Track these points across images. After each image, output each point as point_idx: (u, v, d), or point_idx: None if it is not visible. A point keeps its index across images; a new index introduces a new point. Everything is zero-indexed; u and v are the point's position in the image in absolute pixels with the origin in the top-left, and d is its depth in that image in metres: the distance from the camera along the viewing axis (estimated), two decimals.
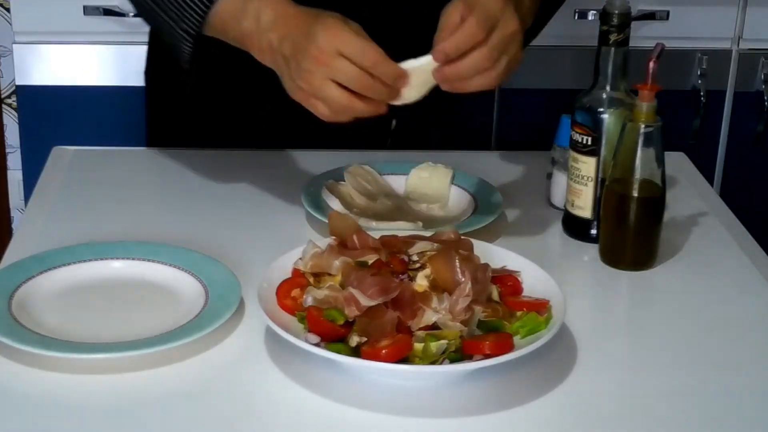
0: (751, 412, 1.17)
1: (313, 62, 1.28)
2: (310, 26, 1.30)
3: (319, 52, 1.28)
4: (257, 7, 1.36)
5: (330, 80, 1.28)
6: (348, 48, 1.28)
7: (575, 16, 2.51)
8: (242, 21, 1.36)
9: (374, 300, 1.18)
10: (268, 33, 1.34)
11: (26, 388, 1.17)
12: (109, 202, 1.57)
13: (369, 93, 1.29)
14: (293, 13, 1.34)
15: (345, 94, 1.29)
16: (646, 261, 1.43)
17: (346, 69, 1.28)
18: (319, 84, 1.29)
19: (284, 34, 1.33)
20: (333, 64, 1.28)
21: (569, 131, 1.48)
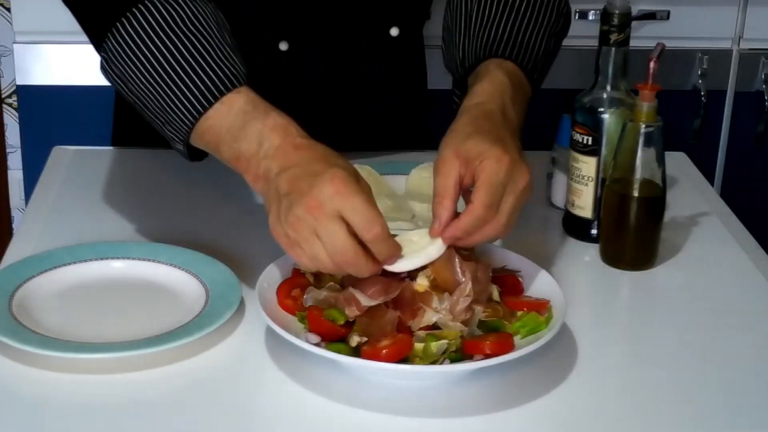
0: (752, 412, 1.17)
1: (307, 213, 1.16)
2: (318, 170, 1.17)
3: (317, 206, 1.15)
4: (260, 131, 1.23)
5: (317, 238, 1.16)
6: (353, 215, 1.15)
7: (575, 16, 2.50)
8: (241, 142, 1.24)
9: (374, 300, 1.18)
10: (267, 160, 1.21)
11: (26, 388, 1.17)
12: (109, 202, 1.57)
13: (349, 269, 1.18)
14: (300, 146, 1.22)
15: (330, 257, 1.17)
16: (646, 261, 1.43)
17: (338, 238, 1.15)
18: (304, 237, 1.16)
19: (284, 167, 1.20)
20: (327, 226, 1.15)
21: (569, 131, 1.48)
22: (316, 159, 1.19)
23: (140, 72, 1.29)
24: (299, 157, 1.20)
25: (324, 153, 1.21)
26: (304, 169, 1.18)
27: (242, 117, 1.25)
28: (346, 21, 1.61)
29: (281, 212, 1.18)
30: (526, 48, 1.42)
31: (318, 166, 1.18)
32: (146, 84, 1.29)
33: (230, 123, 1.25)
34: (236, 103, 1.25)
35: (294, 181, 1.18)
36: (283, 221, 1.18)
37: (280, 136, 1.22)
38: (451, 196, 1.22)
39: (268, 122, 1.23)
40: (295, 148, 1.21)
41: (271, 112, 1.25)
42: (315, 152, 1.21)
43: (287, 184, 1.18)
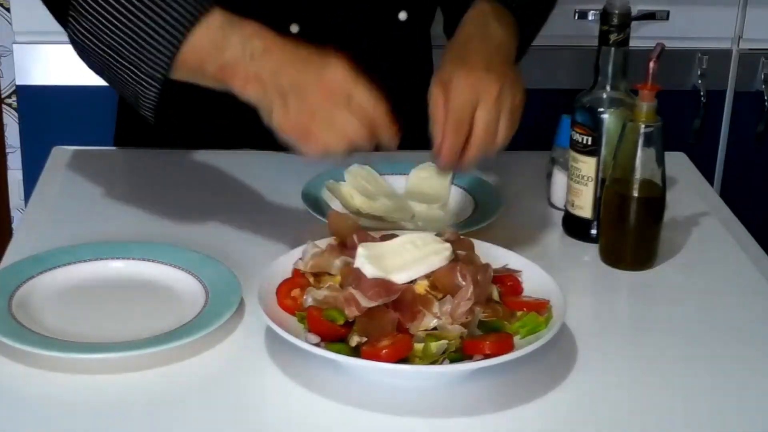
0: (752, 412, 1.17)
1: (322, 100, 1.24)
2: (320, 62, 1.26)
3: (331, 91, 1.24)
4: (241, 37, 1.28)
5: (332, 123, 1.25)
6: (361, 98, 1.25)
7: (575, 16, 2.50)
8: (224, 52, 1.28)
9: (374, 301, 1.18)
10: (256, 62, 1.27)
11: (26, 388, 1.17)
12: (109, 202, 1.57)
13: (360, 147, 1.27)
14: (285, 44, 1.29)
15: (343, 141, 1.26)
16: (646, 261, 1.43)
17: (351, 120, 1.25)
18: (318, 125, 1.25)
19: (279, 65, 1.27)
20: (339, 110, 1.25)
21: (569, 131, 1.48)
22: (309, 53, 1.27)
23: (112, 19, 1.32)
24: (290, 53, 1.27)
25: (310, 48, 1.28)
26: (303, 63, 1.26)
27: (221, 31, 1.29)
28: (355, 3, 1.63)
29: (289, 107, 1.25)
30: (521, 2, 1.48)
31: (314, 59, 1.27)
32: (120, 30, 1.32)
33: (210, 38, 1.29)
34: (213, 22, 1.30)
35: (297, 75, 1.25)
36: (293, 114, 1.25)
37: (261, 39, 1.28)
38: (440, 121, 1.32)
39: (245, 31, 1.29)
40: (281, 47, 1.28)
41: (245, 22, 1.30)
42: (304, 48, 1.28)
43: (290, 77, 1.25)
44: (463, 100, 1.31)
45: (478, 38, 1.39)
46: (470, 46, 1.38)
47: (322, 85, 1.25)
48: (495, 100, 1.32)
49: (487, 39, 1.39)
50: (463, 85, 1.32)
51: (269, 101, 1.27)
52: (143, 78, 1.33)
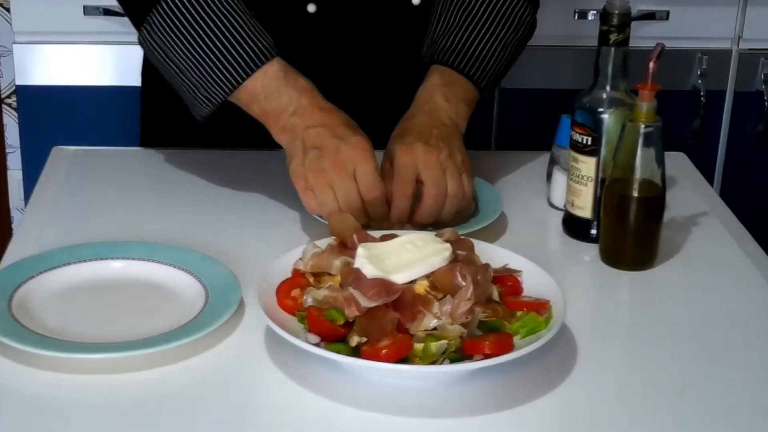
0: (752, 412, 1.17)
1: (331, 167, 1.39)
2: (344, 134, 1.41)
3: (341, 162, 1.39)
4: (290, 93, 1.45)
5: (331, 188, 1.40)
6: (363, 176, 1.40)
7: (575, 16, 2.51)
8: (273, 100, 1.45)
9: (374, 301, 1.18)
10: (295, 117, 1.44)
11: (26, 388, 1.17)
12: (109, 202, 1.57)
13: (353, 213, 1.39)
14: (326, 108, 1.45)
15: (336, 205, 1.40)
16: (646, 261, 1.43)
17: (349, 191, 1.40)
18: (320, 185, 1.40)
19: (311, 124, 1.43)
20: (342, 179, 1.39)
21: (569, 131, 1.48)
22: (340, 123, 1.43)
23: (183, 44, 1.48)
24: (325, 118, 1.43)
25: (346, 120, 1.44)
26: (332, 130, 1.42)
27: (276, 82, 1.46)
28: None
29: (306, 160, 1.41)
30: (476, 59, 1.57)
31: (343, 131, 1.42)
32: (188, 55, 1.48)
33: (264, 86, 1.46)
34: (270, 70, 1.47)
35: (322, 138, 1.41)
36: (306, 168, 1.41)
37: (307, 98, 1.45)
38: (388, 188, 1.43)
39: (298, 86, 1.46)
40: (321, 109, 1.44)
41: (299, 78, 1.47)
42: (338, 117, 1.44)
43: (316, 138, 1.42)
44: (404, 163, 1.43)
45: (422, 114, 1.50)
46: (413, 122, 1.49)
47: (337, 154, 1.40)
48: (436, 162, 1.43)
49: (431, 114, 1.50)
50: (404, 154, 1.44)
51: (293, 151, 1.43)
52: (200, 98, 1.50)
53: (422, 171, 1.43)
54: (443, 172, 1.43)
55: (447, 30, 1.59)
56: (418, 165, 1.43)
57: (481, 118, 1.40)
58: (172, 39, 1.48)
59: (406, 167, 1.43)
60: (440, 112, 1.51)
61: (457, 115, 1.52)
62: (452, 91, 1.54)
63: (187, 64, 1.48)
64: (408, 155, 1.43)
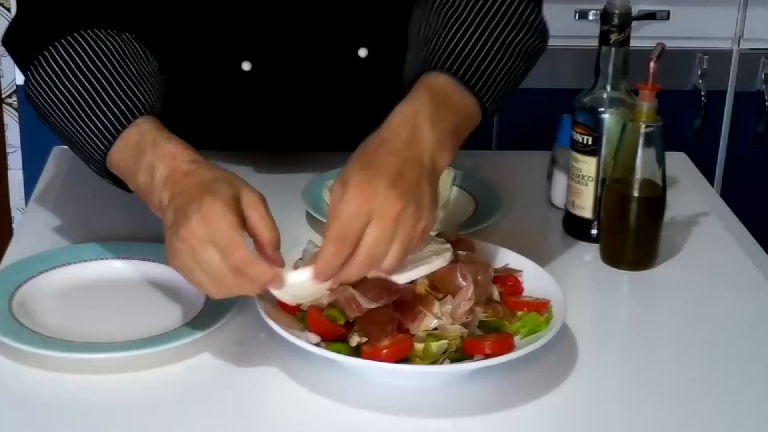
0: (752, 412, 1.17)
1: (182, 243, 1.15)
2: (190, 200, 1.17)
3: (190, 236, 1.15)
4: (151, 162, 1.23)
5: (197, 264, 1.15)
6: (216, 241, 1.14)
7: (575, 16, 2.51)
8: (137, 175, 1.25)
9: (375, 302, 1.18)
10: (159, 192, 1.22)
11: (26, 388, 1.17)
12: (109, 202, 1.57)
13: (232, 291, 1.17)
14: (188, 172, 1.21)
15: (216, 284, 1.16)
16: (646, 261, 1.43)
17: (213, 263, 1.14)
18: (188, 268, 1.16)
19: (172, 196, 1.20)
20: (202, 253, 1.14)
21: (569, 131, 1.48)
22: (196, 186, 1.18)
23: (55, 110, 1.34)
24: (185, 184, 1.20)
25: (205, 178, 1.19)
26: (185, 199, 1.18)
27: (135, 150, 1.26)
28: (311, 40, 1.55)
29: (168, 245, 1.18)
30: (466, 58, 1.29)
31: (193, 195, 1.17)
32: (61, 119, 1.33)
33: (127, 157, 1.26)
34: (132, 138, 1.26)
35: (175, 213, 1.18)
36: (170, 253, 1.18)
37: (167, 165, 1.22)
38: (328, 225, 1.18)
39: (158, 152, 1.24)
40: (184, 175, 1.21)
41: (160, 141, 1.25)
42: (198, 178, 1.20)
43: (171, 215, 1.18)
44: (353, 210, 1.14)
45: (398, 141, 1.19)
46: (384, 150, 1.19)
47: (181, 228, 1.16)
48: (392, 221, 1.14)
49: (409, 144, 1.20)
50: (357, 195, 1.15)
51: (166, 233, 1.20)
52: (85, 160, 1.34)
53: (370, 227, 1.14)
54: (391, 236, 1.15)
55: (430, 37, 1.33)
56: (371, 214, 1.14)
57: None
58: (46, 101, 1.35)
59: (353, 219, 1.14)
60: (420, 143, 1.20)
61: (440, 150, 1.21)
62: (441, 115, 1.23)
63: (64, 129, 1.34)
64: (363, 198, 1.14)
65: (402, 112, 1.22)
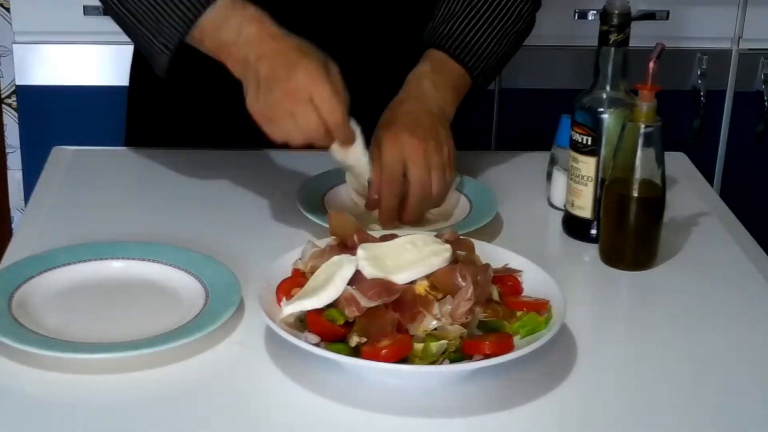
0: (752, 412, 1.17)
1: (284, 96, 1.35)
2: (294, 60, 1.36)
3: (294, 90, 1.35)
4: (240, 21, 1.39)
5: (291, 117, 1.36)
6: (320, 101, 1.35)
7: (575, 16, 2.51)
8: (223, 31, 1.40)
9: (374, 302, 1.18)
10: (246, 47, 1.38)
11: (26, 388, 1.17)
12: (109, 202, 1.57)
13: (316, 142, 1.39)
14: (276, 35, 1.39)
15: (301, 134, 1.37)
16: (646, 261, 1.43)
17: (309, 117, 1.36)
18: (280, 116, 1.36)
19: (262, 54, 1.37)
20: (300, 107, 1.35)
21: (569, 131, 1.48)
22: (291, 48, 1.38)
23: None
24: (275, 45, 1.38)
25: (298, 43, 1.38)
26: (281, 58, 1.37)
27: (224, 11, 1.40)
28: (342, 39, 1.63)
29: (260, 93, 1.37)
30: (471, 46, 1.57)
31: (293, 56, 1.37)
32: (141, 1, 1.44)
33: (213, 17, 1.40)
34: (221, 4, 1.41)
35: (272, 68, 1.36)
36: (261, 101, 1.37)
37: (256, 26, 1.39)
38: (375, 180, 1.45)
39: (246, 14, 1.40)
40: (272, 37, 1.39)
41: (248, 5, 1.41)
42: (290, 42, 1.38)
43: (266, 69, 1.37)
44: (391, 158, 1.44)
45: (410, 100, 1.51)
46: (401, 109, 1.50)
47: (288, 83, 1.35)
48: (422, 158, 1.44)
49: (418, 100, 1.51)
50: (390, 146, 1.44)
51: (247, 84, 1.39)
52: (157, 45, 1.44)
53: (408, 167, 1.44)
54: (428, 170, 1.45)
55: (447, 17, 1.60)
56: (405, 159, 1.44)
57: (481, 118, 1.40)
58: None
59: (393, 163, 1.44)
60: (427, 98, 1.51)
61: (444, 102, 1.53)
62: (441, 77, 1.54)
63: (142, 10, 1.44)
64: (395, 147, 1.44)
65: (410, 79, 1.54)
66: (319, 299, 1.20)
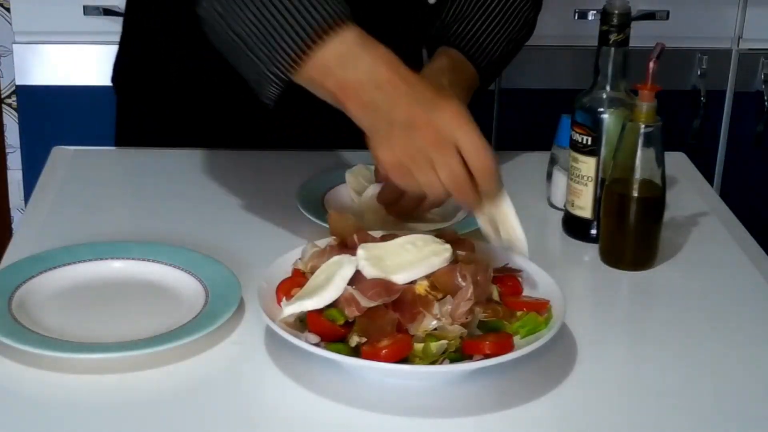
0: (751, 412, 1.17)
1: (425, 141, 1.23)
2: (433, 100, 1.25)
3: (437, 136, 1.23)
4: (370, 63, 1.26)
5: (432, 166, 1.24)
6: (467, 143, 1.23)
7: (575, 16, 2.51)
8: (349, 71, 1.26)
9: (374, 301, 1.18)
10: (377, 92, 1.25)
11: (26, 388, 1.17)
12: (109, 202, 1.57)
13: (459, 196, 1.26)
14: (410, 80, 1.27)
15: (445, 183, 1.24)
16: (646, 261, 1.43)
17: (455, 167, 1.23)
18: (420, 164, 1.24)
19: (396, 100, 1.25)
20: (444, 155, 1.23)
21: (569, 131, 1.48)
22: (427, 89, 1.26)
23: (247, 8, 1.29)
24: (410, 88, 1.25)
25: (435, 87, 1.28)
26: (419, 101, 1.24)
27: (354, 48, 1.27)
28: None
29: (394, 141, 1.24)
30: (484, 48, 1.57)
31: (430, 95, 1.25)
32: (253, 21, 1.28)
33: (340, 53, 1.27)
34: (348, 35, 1.27)
35: (409, 111, 1.24)
36: (397, 150, 1.24)
37: (389, 68, 1.26)
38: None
39: (377, 53, 1.27)
40: (404, 80, 1.26)
41: (379, 45, 1.28)
42: (424, 84, 1.27)
43: (403, 113, 1.24)
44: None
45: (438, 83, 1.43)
46: None
47: (428, 127, 1.23)
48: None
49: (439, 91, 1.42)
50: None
51: (376, 132, 1.26)
52: (267, 75, 1.30)
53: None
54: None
55: (459, 17, 1.59)
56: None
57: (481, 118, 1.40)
58: (235, 2, 1.29)
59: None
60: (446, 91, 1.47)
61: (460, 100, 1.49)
62: (457, 76, 1.53)
63: (253, 32, 1.28)
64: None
65: (428, 73, 1.50)
66: (319, 299, 1.20)
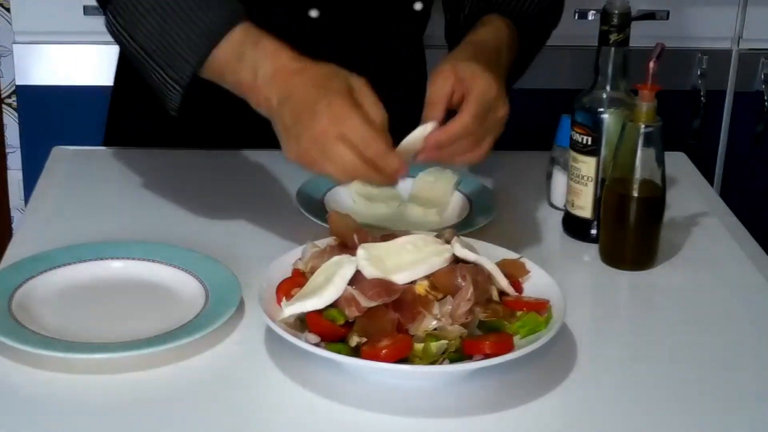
0: (751, 412, 1.17)
1: (313, 144, 1.26)
2: (315, 100, 1.26)
3: (321, 134, 1.25)
4: (254, 58, 1.32)
5: (327, 160, 1.26)
6: (352, 136, 1.25)
7: (575, 16, 2.51)
8: (239, 71, 1.33)
9: (374, 301, 1.18)
10: (266, 89, 1.30)
11: (26, 388, 1.17)
12: (109, 201, 1.57)
13: (363, 180, 1.29)
14: (294, 71, 1.30)
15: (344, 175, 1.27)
16: (646, 261, 1.43)
17: (346, 158, 1.25)
18: (318, 161, 1.27)
19: (284, 95, 1.29)
20: (333, 149, 1.25)
21: (569, 131, 1.48)
22: (311, 85, 1.28)
23: (146, 21, 1.37)
24: (296, 83, 1.29)
25: (318, 74, 1.29)
26: (304, 99, 1.27)
27: (239, 48, 1.33)
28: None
29: (290, 141, 1.28)
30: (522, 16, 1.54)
31: (314, 94, 1.27)
32: (152, 32, 1.37)
33: (230, 54, 1.33)
34: (236, 36, 1.33)
35: (295, 113, 1.27)
36: (294, 151, 1.28)
37: (272, 62, 1.31)
38: (443, 104, 1.33)
39: (259, 50, 1.32)
40: (291, 73, 1.30)
41: (262, 39, 1.33)
42: (310, 74, 1.29)
43: (290, 115, 1.28)
44: (486, 100, 1.33)
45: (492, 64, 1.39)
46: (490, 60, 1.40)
47: (313, 129, 1.26)
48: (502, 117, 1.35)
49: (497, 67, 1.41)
50: (490, 87, 1.33)
51: (276, 129, 1.31)
52: (168, 81, 1.38)
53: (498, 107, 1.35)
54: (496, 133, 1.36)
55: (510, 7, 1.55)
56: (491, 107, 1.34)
57: None
58: (136, 15, 1.38)
59: (486, 104, 1.33)
60: (503, 66, 1.45)
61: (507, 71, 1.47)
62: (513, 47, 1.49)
63: (153, 42, 1.37)
64: (493, 90, 1.33)
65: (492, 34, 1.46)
66: (319, 299, 1.20)
